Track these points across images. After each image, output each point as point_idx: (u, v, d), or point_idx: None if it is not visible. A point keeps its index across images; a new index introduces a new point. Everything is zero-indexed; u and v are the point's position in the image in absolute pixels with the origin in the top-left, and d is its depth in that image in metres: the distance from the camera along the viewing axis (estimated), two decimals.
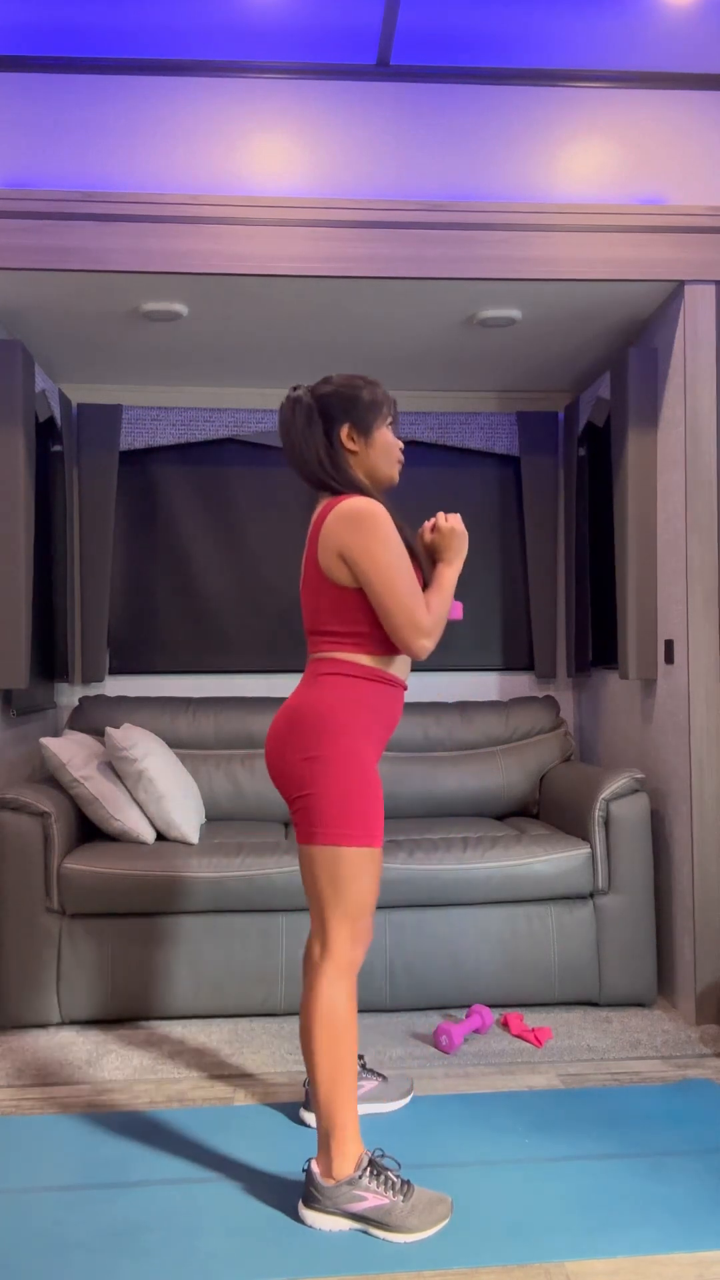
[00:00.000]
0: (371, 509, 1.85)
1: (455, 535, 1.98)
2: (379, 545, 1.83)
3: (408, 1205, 1.81)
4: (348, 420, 1.95)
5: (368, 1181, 1.82)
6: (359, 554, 1.84)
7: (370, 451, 1.97)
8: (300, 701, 1.90)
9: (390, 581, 1.83)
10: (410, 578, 1.86)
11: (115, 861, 2.80)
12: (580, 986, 2.88)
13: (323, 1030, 1.83)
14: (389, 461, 1.99)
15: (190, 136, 2.84)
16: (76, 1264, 1.74)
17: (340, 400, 1.95)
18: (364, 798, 1.85)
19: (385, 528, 1.84)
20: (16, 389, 2.92)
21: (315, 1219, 1.84)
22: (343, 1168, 1.83)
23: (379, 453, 1.97)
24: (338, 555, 1.86)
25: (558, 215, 2.78)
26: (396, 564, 1.83)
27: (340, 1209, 1.83)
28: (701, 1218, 1.86)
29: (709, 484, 2.84)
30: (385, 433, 1.98)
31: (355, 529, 1.84)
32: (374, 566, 1.83)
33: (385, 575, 1.83)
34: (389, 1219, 1.80)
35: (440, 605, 1.91)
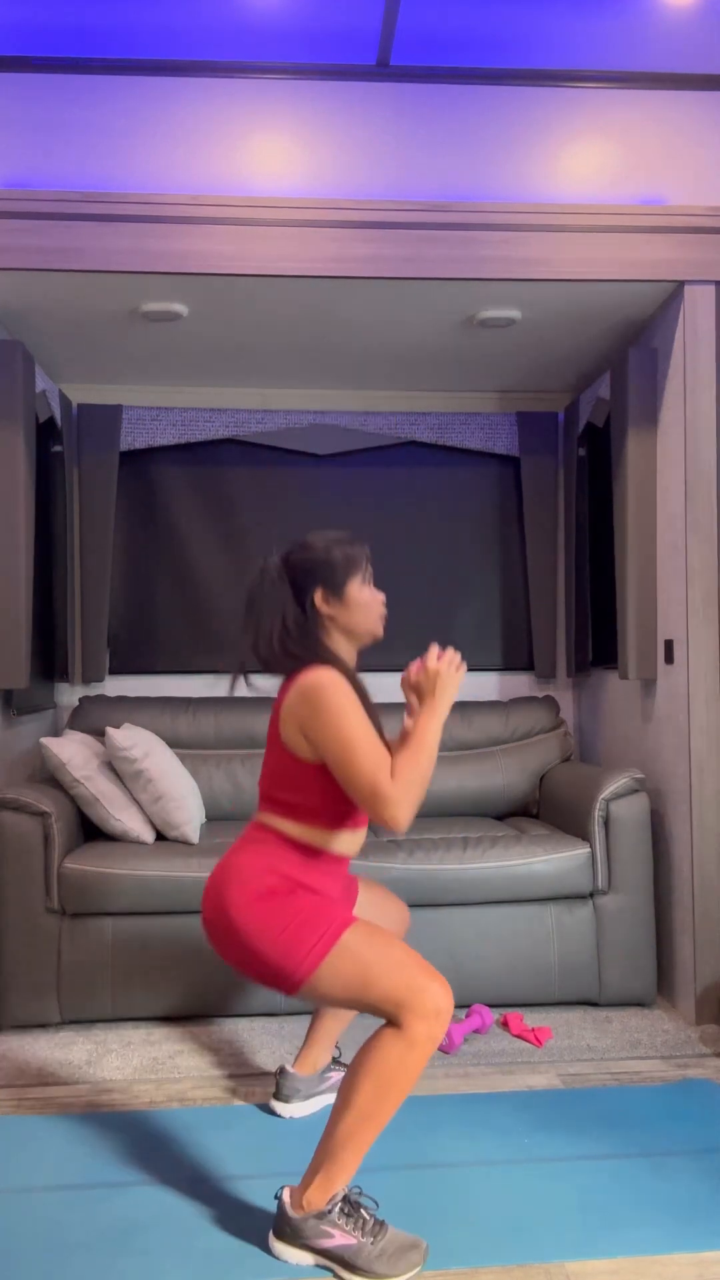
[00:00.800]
0: (326, 682, 1.78)
1: (440, 679, 1.85)
2: (336, 718, 1.76)
3: (376, 1248, 1.70)
4: (319, 585, 1.90)
5: (337, 1218, 1.73)
6: (317, 729, 1.77)
7: (347, 611, 1.92)
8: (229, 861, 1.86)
9: (349, 754, 1.74)
10: (369, 747, 1.74)
11: (115, 861, 2.80)
12: (580, 986, 2.88)
13: (373, 1084, 1.70)
14: (369, 618, 1.94)
15: (190, 136, 2.84)
16: (76, 1264, 1.74)
17: (310, 565, 1.91)
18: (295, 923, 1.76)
19: (341, 698, 1.77)
20: (16, 389, 2.92)
21: (283, 1251, 1.75)
22: (315, 1200, 1.74)
23: (356, 611, 1.92)
24: (299, 730, 1.82)
25: (558, 215, 2.78)
26: (352, 733, 1.75)
27: (306, 1243, 1.73)
28: (701, 1218, 1.86)
29: (709, 484, 2.84)
30: (361, 589, 1.92)
31: (311, 703, 1.78)
32: (332, 740, 1.76)
33: (344, 748, 1.75)
34: (355, 1260, 1.70)
35: (413, 766, 1.75)
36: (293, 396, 3.85)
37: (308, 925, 1.76)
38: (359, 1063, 1.72)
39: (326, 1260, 1.73)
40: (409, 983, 1.70)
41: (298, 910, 1.78)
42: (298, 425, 3.80)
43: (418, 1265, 1.71)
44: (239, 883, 1.82)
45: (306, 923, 1.76)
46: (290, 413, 3.79)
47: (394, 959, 1.73)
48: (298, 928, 1.76)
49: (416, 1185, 1.98)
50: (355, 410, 3.85)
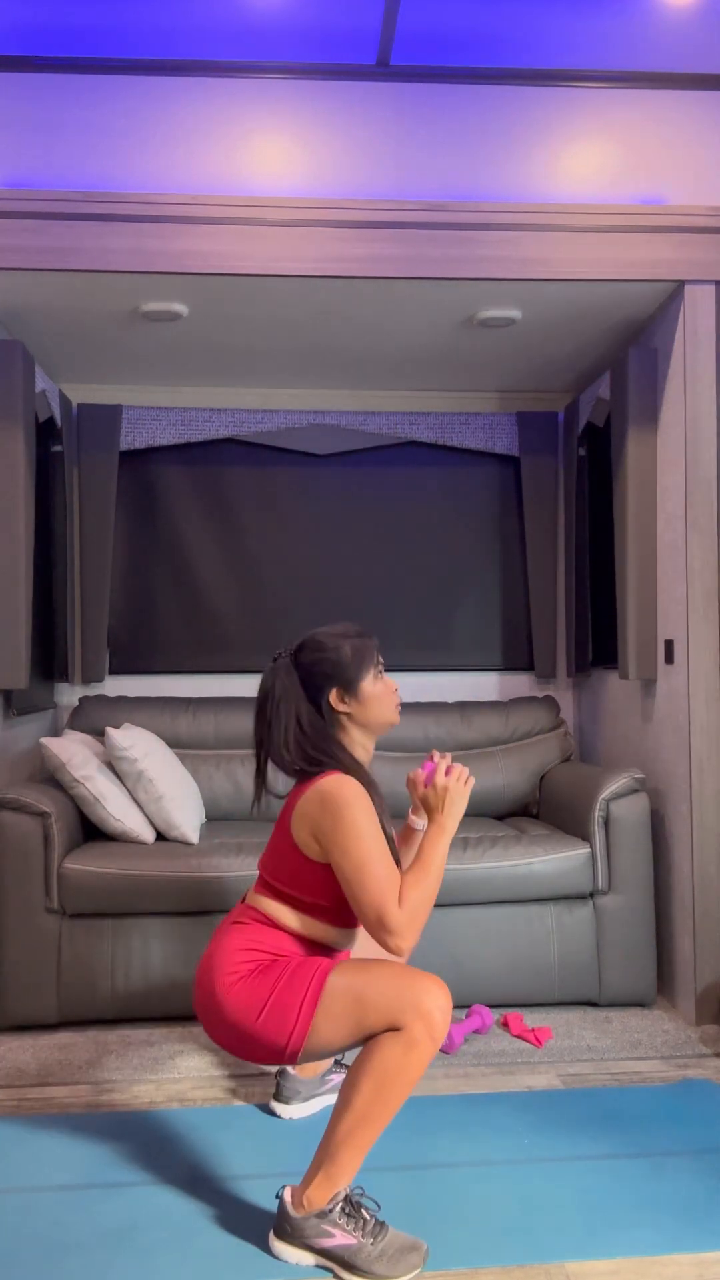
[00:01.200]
0: (348, 795, 1.78)
1: (450, 796, 1.86)
2: (352, 835, 1.75)
3: (376, 1249, 1.70)
4: (334, 685, 1.91)
5: (338, 1218, 1.72)
6: (331, 841, 1.78)
7: (363, 707, 1.93)
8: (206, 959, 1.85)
9: (360, 876, 1.74)
10: (382, 870, 1.74)
11: (115, 861, 2.79)
12: (580, 986, 2.88)
13: (373, 1084, 1.70)
14: (385, 709, 1.95)
15: (190, 136, 2.84)
16: (76, 1264, 1.74)
17: (323, 665, 1.92)
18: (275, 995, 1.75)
19: (359, 815, 1.76)
20: (16, 389, 2.92)
21: (283, 1250, 1.75)
22: (316, 1199, 1.73)
23: (372, 706, 1.93)
24: (311, 834, 1.82)
25: (558, 215, 2.78)
26: (367, 850, 1.74)
27: (306, 1243, 1.73)
28: (701, 1218, 1.86)
29: (709, 484, 2.84)
30: (375, 683, 1.94)
31: (330, 814, 1.78)
32: (346, 857, 1.75)
33: (356, 869, 1.74)
34: (355, 1260, 1.70)
35: (420, 890, 1.75)
36: (293, 396, 3.85)
37: (290, 988, 1.75)
38: (359, 1064, 1.72)
39: (326, 1260, 1.73)
40: (404, 989, 1.70)
41: (277, 976, 1.77)
42: (298, 425, 3.80)
43: (417, 1267, 1.71)
44: (222, 970, 1.81)
45: (288, 986, 1.75)
46: (290, 413, 3.79)
47: (384, 977, 1.72)
48: (280, 994, 1.75)
49: (416, 1185, 1.98)
50: (355, 410, 3.84)
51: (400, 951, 1.73)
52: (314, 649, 1.94)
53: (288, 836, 1.88)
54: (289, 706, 1.90)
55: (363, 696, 1.92)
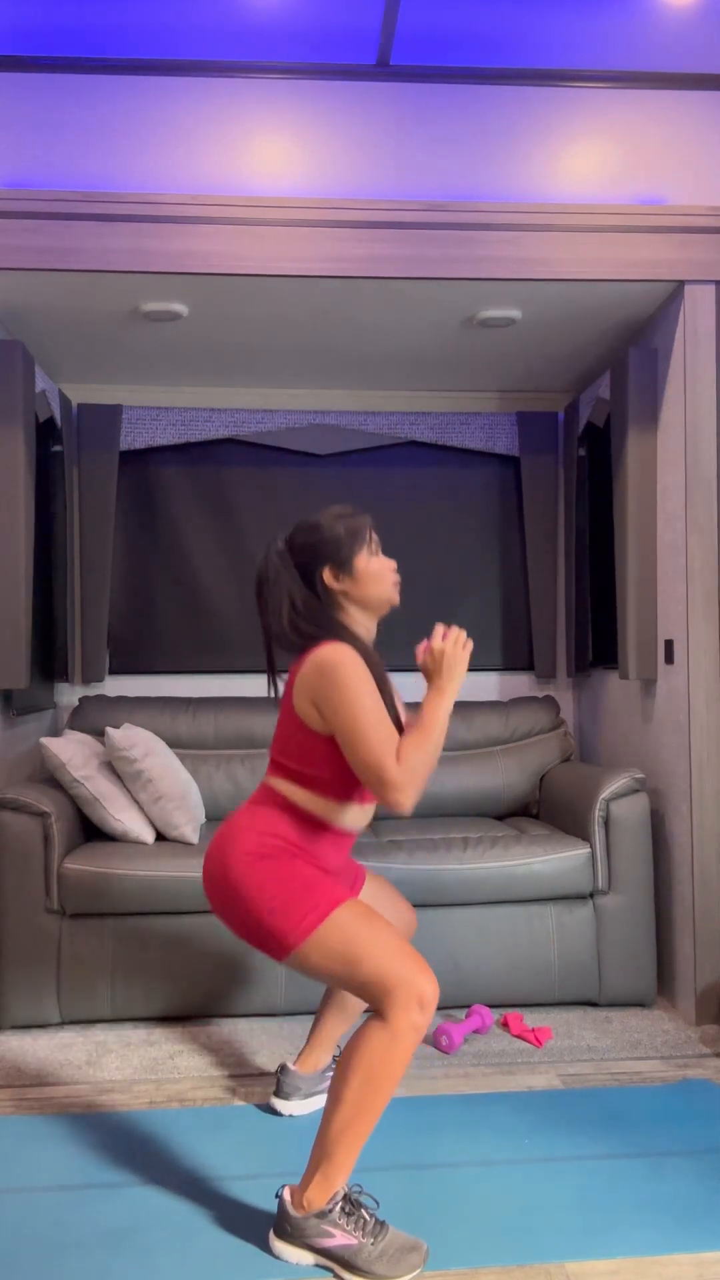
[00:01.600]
0: (342, 658, 1.80)
1: (446, 660, 1.86)
2: (348, 696, 1.77)
3: (376, 1249, 1.70)
4: (327, 562, 1.93)
5: (338, 1218, 1.73)
6: (329, 705, 1.79)
7: (358, 584, 1.94)
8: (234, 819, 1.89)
9: (358, 734, 1.76)
10: (379, 729, 1.76)
11: (115, 861, 2.80)
12: (580, 986, 2.88)
13: (361, 1077, 1.71)
14: (382, 587, 1.95)
15: (190, 136, 2.84)
16: (76, 1264, 1.74)
17: (315, 544, 1.93)
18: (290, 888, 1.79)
19: (354, 677, 1.78)
20: (16, 389, 2.92)
21: (283, 1250, 1.75)
22: (316, 1199, 1.74)
23: (368, 583, 1.94)
24: (311, 703, 1.84)
25: (558, 215, 2.78)
26: (364, 711, 1.77)
27: (307, 1243, 1.73)
28: (701, 1218, 1.86)
29: (709, 484, 2.84)
30: (369, 560, 1.94)
31: (325, 678, 1.80)
32: (343, 718, 1.78)
33: (353, 728, 1.77)
34: (355, 1260, 1.70)
35: (419, 750, 1.77)
36: (293, 396, 3.85)
37: (304, 893, 1.78)
38: (346, 1058, 1.73)
39: (327, 1260, 1.73)
40: (396, 970, 1.71)
41: (295, 874, 1.80)
42: (298, 425, 3.80)
43: (418, 1267, 1.71)
44: (241, 841, 1.84)
45: (303, 889, 1.79)
46: (290, 413, 3.79)
47: (383, 943, 1.74)
48: (294, 892, 1.78)
49: (416, 1185, 1.98)
50: (355, 410, 3.84)
51: (400, 806, 1.74)
52: (306, 530, 1.95)
53: (291, 710, 1.90)
54: (282, 588, 1.92)
55: (357, 573, 1.93)
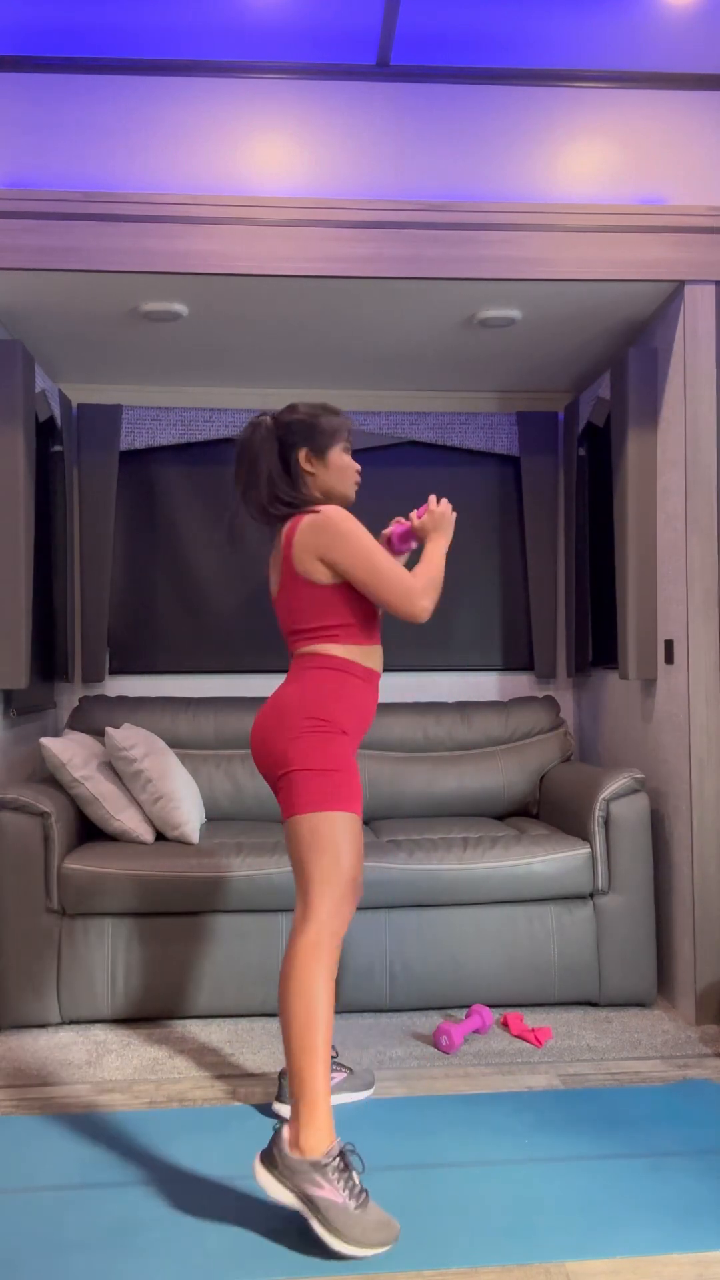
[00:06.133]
0: (336, 512, 2.02)
1: (435, 519, 2.15)
2: (353, 539, 2.00)
3: (353, 1214, 1.76)
4: (305, 445, 2.11)
5: (333, 1173, 1.79)
6: (338, 552, 2.00)
7: (326, 473, 2.13)
8: (286, 692, 2.06)
9: (372, 564, 1.99)
10: (389, 558, 2.02)
11: (115, 861, 2.80)
12: (580, 986, 2.88)
13: (298, 1001, 1.88)
14: (345, 481, 2.15)
15: (190, 136, 2.84)
16: (76, 1264, 1.74)
17: (300, 427, 2.11)
18: (341, 770, 1.99)
19: (351, 523, 2.01)
20: (16, 389, 2.92)
21: (267, 1182, 1.81)
22: (314, 1145, 1.80)
23: (335, 473, 2.13)
24: (316, 559, 2.03)
25: (558, 215, 2.78)
26: (371, 547, 2.00)
27: (295, 1184, 1.78)
28: (701, 1218, 1.86)
29: (709, 484, 2.84)
30: (341, 455, 2.14)
31: (327, 532, 2.00)
32: (353, 557, 1.99)
33: (366, 561, 1.99)
34: (332, 1216, 1.75)
35: (429, 573, 2.05)
36: (293, 396, 3.85)
37: (334, 781, 1.98)
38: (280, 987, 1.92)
39: (306, 1206, 1.78)
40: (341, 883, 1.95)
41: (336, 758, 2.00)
42: None
43: (387, 1245, 1.76)
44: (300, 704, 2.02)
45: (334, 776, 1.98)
46: None
47: (345, 862, 1.96)
48: (328, 775, 1.98)
49: (416, 1185, 1.98)
50: (355, 410, 3.84)
51: (426, 612, 2.02)
52: (294, 411, 2.13)
53: (295, 580, 2.06)
54: (265, 458, 2.10)
55: (329, 462, 2.13)
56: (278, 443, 2.12)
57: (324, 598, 2.05)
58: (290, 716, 2.02)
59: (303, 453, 2.11)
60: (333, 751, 2.00)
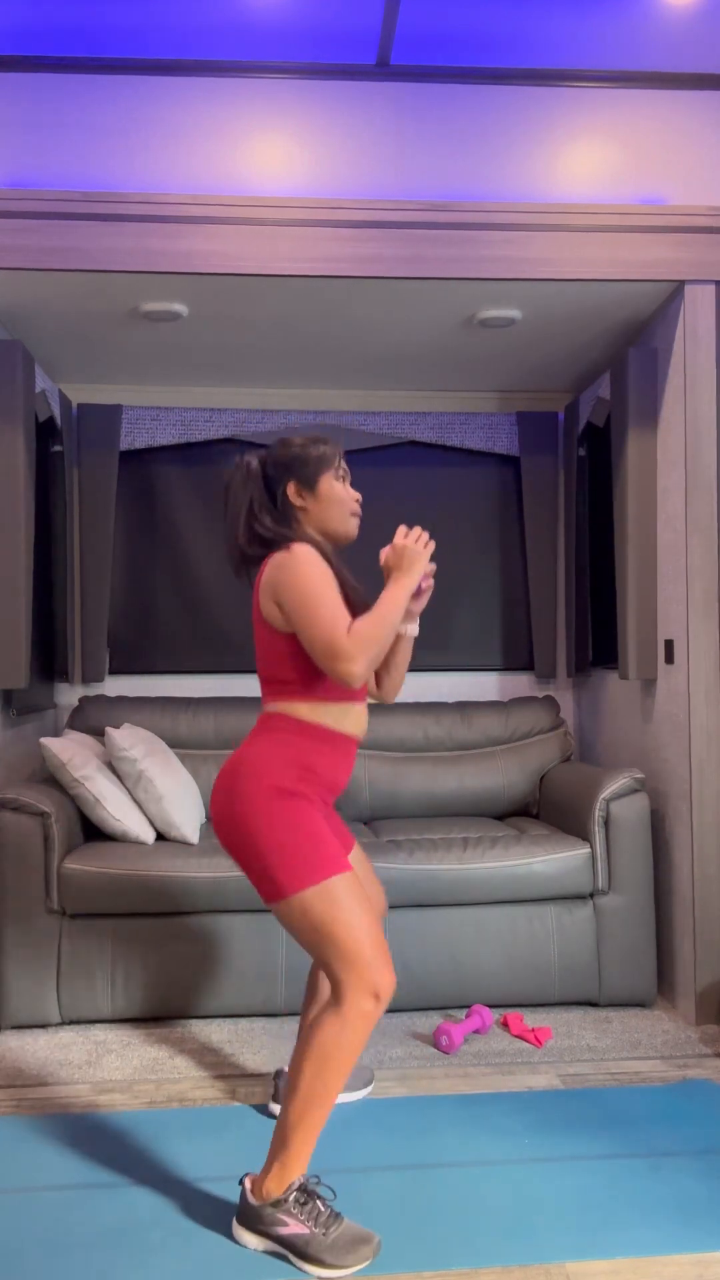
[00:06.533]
0: (298, 551, 1.85)
1: (406, 554, 1.92)
2: (301, 579, 1.82)
3: (327, 1240, 1.74)
4: (292, 478, 1.96)
5: (292, 1207, 1.77)
6: (284, 591, 1.83)
7: (318, 505, 1.97)
8: (239, 756, 1.90)
9: (310, 610, 1.80)
10: (333, 606, 1.81)
11: (115, 861, 2.79)
12: (580, 986, 2.88)
13: (313, 1065, 1.76)
14: (341, 514, 1.98)
15: (190, 136, 2.84)
16: (76, 1264, 1.74)
17: (284, 460, 1.97)
18: (301, 837, 1.80)
19: (308, 565, 1.83)
20: (16, 389, 2.92)
21: (242, 1235, 1.80)
22: (273, 1189, 1.78)
23: (328, 505, 1.97)
24: (273, 601, 1.87)
25: (558, 215, 2.78)
26: (317, 593, 1.81)
27: (262, 1229, 1.78)
28: (701, 1218, 1.86)
29: (709, 484, 2.84)
30: (334, 485, 1.97)
31: (282, 568, 1.85)
32: (296, 599, 1.82)
33: (306, 605, 1.81)
34: (306, 1249, 1.74)
35: (371, 625, 1.80)
36: (293, 396, 3.85)
37: (311, 848, 1.80)
38: (299, 1050, 1.79)
39: (280, 1247, 1.77)
40: (362, 956, 1.76)
41: (306, 824, 1.82)
42: (298, 425, 3.80)
43: (368, 1259, 1.74)
44: (254, 775, 1.85)
45: (311, 843, 1.80)
46: (290, 413, 3.79)
47: (362, 926, 1.78)
48: (300, 844, 1.80)
49: (416, 1185, 1.98)
50: (355, 410, 3.84)
51: (350, 677, 1.78)
52: (279, 444, 2.00)
53: (261, 622, 1.92)
54: (245, 494, 1.96)
55: (320, 494, 1.96)
56: (264, 480, 1.98)
57: (284, 647, 1.89)
58: (242, 784, 1.84)
59: (290, 486, 1.96)
60: (296, 814, 1.82)
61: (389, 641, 1.83)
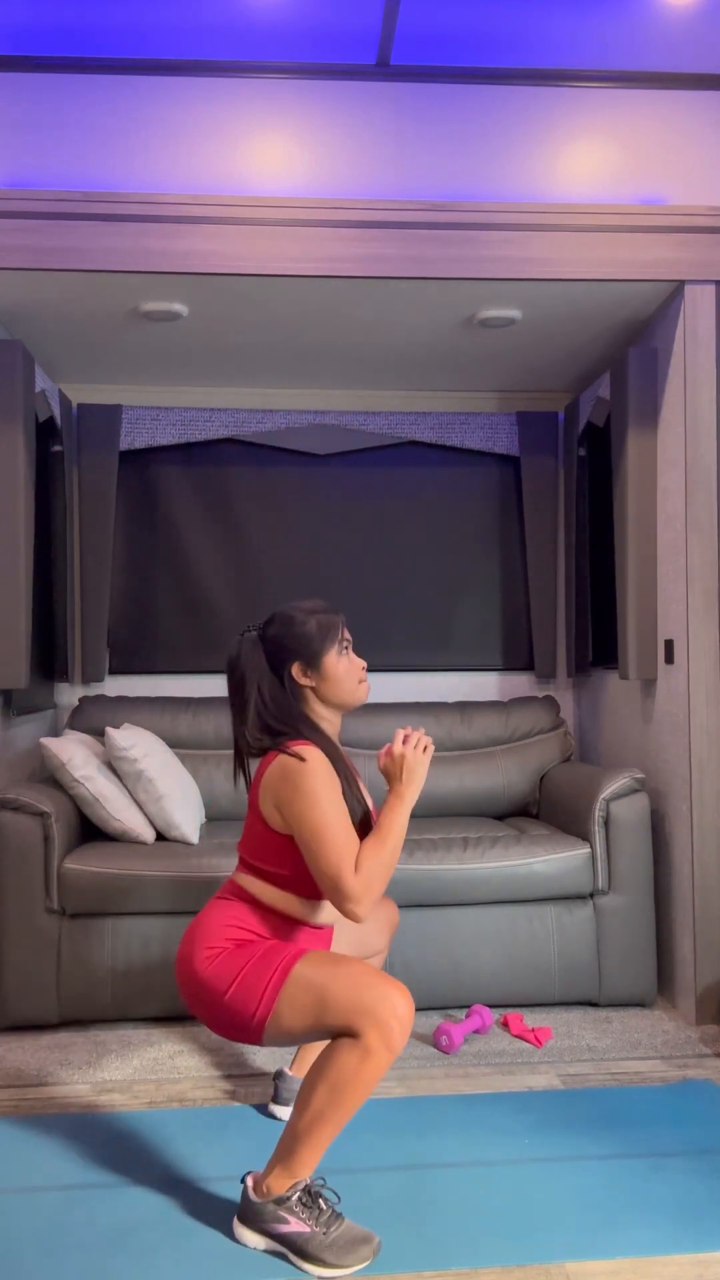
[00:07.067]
0: (307, 765, 1.80)
1: (407, 765, 1.87)
2: (310, 803, 1.78)
3: (328, 1238, 1.74)
4: (296, 659, 1.94)
5: (295, 1205, 1.76)
6: (293, 811, 1.80)
7: (325, 683, 1.95)
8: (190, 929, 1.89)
9: (318, 843, 1.77)
10: (338, 839, 1.77)
11: (115, 861, 2.79)
12: (580, 986, 2.88)
13: (328, 1087, 1.71)
14: (349, 687, 1.97)
15: (190, 136, 2.84)
16: (75, 1264, 1.74)
17: (286, 639, 1.94)
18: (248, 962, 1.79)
19: (318, 783, 1.79)
20: (16, 389, 2.92)
21: (242, 1233, 1.80)
22: (275, 1187, 1.78)
23: (335, 682, 1.95)
24: (275, 806, 1.85)
25: (558, 215, 2.78)
26: (324, 818, 1.77)
27: (262, 1227, 1.78)
28: (701, 1218, 1.86)
29: (709, 484, 2.84)
30: (337, 661, 1.95)
31: (289, 783, 1.81)
32: (304, 825, 1.78)
33: (314, 836, 1.77)
34: (306, 1247, 1.74)
35: (377, 858, 1.78)
36: (293, 396, 3.85)
37: (259, 967, 1.78)
38: (317, 1066, 1.74)
39: (279, 1245, 1.77)
40: (366, 993, 1.71)
41: (250, 955, 1.81)
42: (298, 425, 3.80)
43: (368, 1259, 1.74)
44: (206, 938, 1.85)
45: (258, 965, 1.79)
46: (290, 413, 3.79)
47: (348, 976, 1.74)
48: (249, 971, 1.78)
49: (417, 1185, 1.98)
50: (355, 410, 3.84)
51: (356, 917, 1.76)
52: (280, 623, 1.97)
53: (256, 810, 1.90)
54: (251, 679, 1.93)
55: (325, 671, 1.95)
56: (266, 658, 1.95)
57: (280, 844, 1.87)
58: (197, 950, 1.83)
59: (295, 667, 1.94)
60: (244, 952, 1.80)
61: (395, 863, 1.82)
